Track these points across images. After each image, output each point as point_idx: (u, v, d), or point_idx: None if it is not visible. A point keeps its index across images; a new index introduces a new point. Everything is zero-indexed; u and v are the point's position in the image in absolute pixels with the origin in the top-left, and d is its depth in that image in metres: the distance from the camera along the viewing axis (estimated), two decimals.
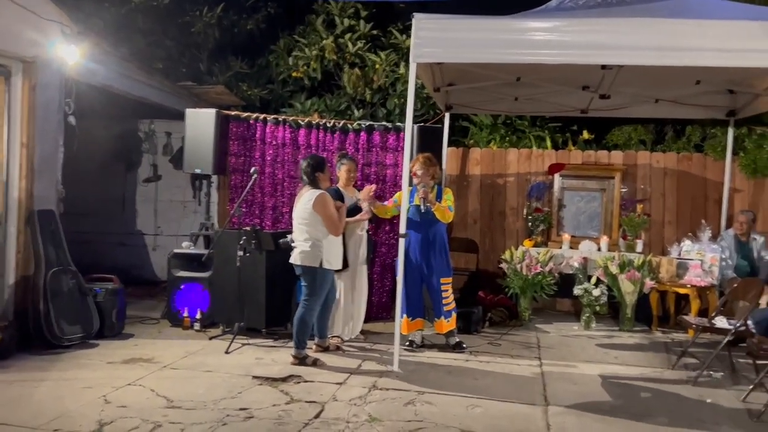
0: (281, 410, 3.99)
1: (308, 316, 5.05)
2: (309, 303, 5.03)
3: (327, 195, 5.05)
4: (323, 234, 4.98)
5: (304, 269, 5.02)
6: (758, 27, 4.38)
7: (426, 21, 4.82)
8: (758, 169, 7.33)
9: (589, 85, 6.80)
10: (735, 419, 4.13)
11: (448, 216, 5.56)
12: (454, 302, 5.72)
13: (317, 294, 5.04)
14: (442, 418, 3.93)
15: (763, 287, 5.21)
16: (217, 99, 8.06)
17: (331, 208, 4.99)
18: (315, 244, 4.95)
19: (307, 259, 4.97)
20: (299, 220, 5.06)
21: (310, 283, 5.02)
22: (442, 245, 5.64)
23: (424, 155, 5.68)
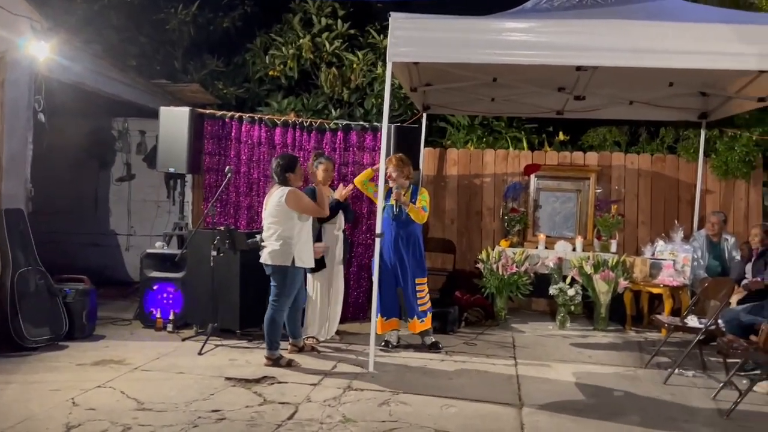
0: (254, 412, 3.94)
1: (278, 316, 4.98)
2: (278, 303, 4.96)
3: (296, 190, 4.98)
4: (295, 232, 4.92)
5: (274, 268, 4.95)
6: (729, 30, 4.44)
7: (402, 20, 4.81)
8: (729, 171, 7.45)
9: (565, 87, 6.85)
10: (705, 417, 4.18)
11: (422, 217, 5.57)
12: (429, 302, 5.72)
13: (287, 293, 4.96)
14: (416, 418, 3.91)
15: (733, 287, 5.29)
16: (192, 97, 7.96)
17: (306, 199, 4.98)
18: (286, 242, 4.89)
19: (278, 258, 4.91)
20: (269, 218, 4.99)
21: (280, 283, 4.95)
22: (416, 245, 5.65)
23: (397, 156, 5.69)
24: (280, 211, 4.90)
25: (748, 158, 7.33)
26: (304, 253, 5.00)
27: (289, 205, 4.88)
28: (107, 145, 8.72)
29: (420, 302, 5.62)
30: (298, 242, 4.94)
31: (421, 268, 5.68)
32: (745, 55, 4.45)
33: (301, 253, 4.96)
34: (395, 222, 5.54)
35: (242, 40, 9.03)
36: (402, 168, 5.55)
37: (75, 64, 6.12)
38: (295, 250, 4.91)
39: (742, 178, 7.53)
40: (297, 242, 4.93)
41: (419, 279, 5.63)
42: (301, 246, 4.96)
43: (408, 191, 5.59)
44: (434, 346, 5.65)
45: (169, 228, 7.09)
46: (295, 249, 4.91)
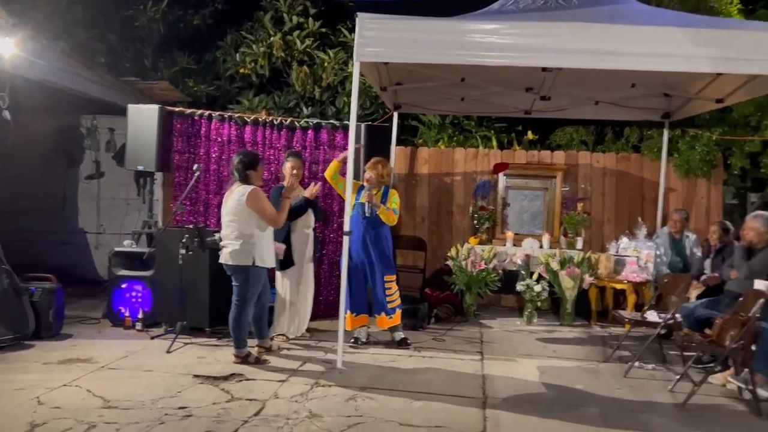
0: (221, 408, 3.97)
1: (242, 316, 4.93)
2: (241, 303, 4.92)
3: (259, 190, 4.94)
4: (255, 230, 4.88)
5: (235, 269, 4.90)
6: (683, 34, 4.58)
7: (370, 21, 4.86)
8: (691, 170, 7.65)
9: (533, 87, 6.98)
10: (662, 408, 4.32)
11: (393, 219, 5.66)
12: (398, 299, 5.79)
13: (250, 293, 4.92)
14: (381, 413, 3.99)
15: (690, 283, 5.46)
16: (162, 95, 7.92)
17: (266, 203, 4.93)
18: (246, 241, 4.86)
19: (239, 258, 4.87)
20: (229, 216, 4.93)
21: (242, 283, 4.90)
22: (385, 243, 5.73)
23: (376, 159, 5.77)
24: (240, 209, 4.86)
25: (708, 158, 7.54)
26: (266, 253, 4.96)
27: (249, 204, 4.83)
28: (75, 143, 8.62)
29: (389, 299, 5.69)
30: (260, 241, 4.91)
31: (390, 266, 5.76)
32: (699, 57, 4.59)
33: (262, 253, 4.92)
34: (365, 221, 5.61)
35: (213, 37, 9.01)
36: (380, 173, 5.66)
37: (41, 60, 6.06)
38: (256, 249, 4.87)
39: (703, 176, 7.75)
40: (258, 241, 4.90)
41: (388, 276, 5.70)
42: (262, 245, 4.92)
43: (379, 192, 5.67)
44: (403, 343, 5.73)
45: (139, 226, 7.05)
46: (256, 248, 4.87)
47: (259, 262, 4.90)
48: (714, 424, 4.04)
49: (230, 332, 4.99)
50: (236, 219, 4.89)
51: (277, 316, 5.78)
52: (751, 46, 4.61)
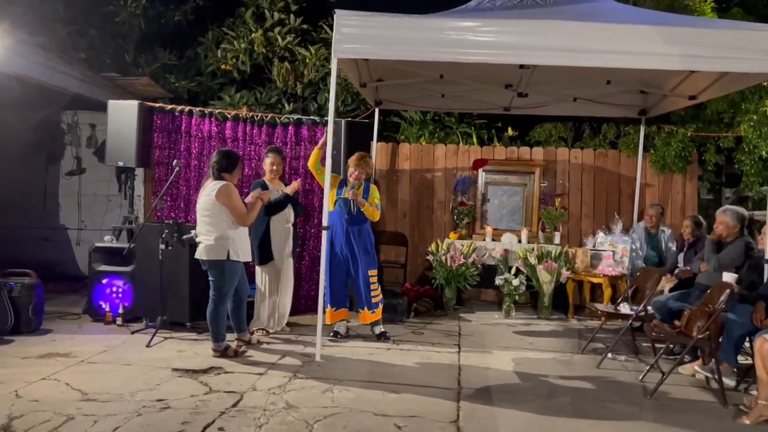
0: (199, 400, 4.02)
1: (219, 310, 4.98)
2: (217, 298, 4.95)
3: (231, 185, 4.97)
4: (229, 225, 4.92)
5: (210, 263, 4.94)
6: (655, 31, 4.68)
7: (347, 17, 4.92)
8: (667, 165, 7.79)
9: (512, 84, 7.06)
10: (631, 397, 4.43)
11: (376, 215, 5.77)
12: (381, 294, 5.87)
13: (226, 288, 4.95)
14: (357, 404, 4.06)
15: (660, 276, 5.58)
16: (143, 91, 7.92)
17: (236, 198, 4.95)
18: (220, 236, 4.89)
19: (213, 253, 4.91)
20: (202, 212, 4.97)
21: (217, 278, 4.94)
22: (368, 238, 5.80)
23: (359, 154, 5.84)
24: (212, 205, 4.90)
25: (683, 153, 7.69)
26: (240, 247, 4.99)
27: (219, 199, 4.86)
28: (56, 139, 8.61)
29: (373, 294, 5.77)
30: (234, 236, 4.94)
31: (373, 261, 5.83)
32: (670, 55, 4.70)
33: (236, 247, 4.94)
34: (349, 216, 5.68)
35: (194, 33, 9.01)
36: (364, 167, 5.73)
37: (19, 56, 6.06)
38: (230, 243, 4.91)
39: (678, 172, 7.89)
40: (232, 236, 4.93)
41: (371, 271, 5.77)
42: (236, 239, 4.95)
43: (361, 187, 5.73)
44: (382, 336, 5.80)
45: (120, 222, 7.06)
46: (230, 242, 4.91)
47: (233, 256, 4.93)
48: (681, 413, 4.15)
49: (208, 326, 5.03)
50: (209, 214, 4.93)
51: (257, 310, 5.84)
52: (719, 44, 4.72)
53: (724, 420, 4.05)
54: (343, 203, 5.70)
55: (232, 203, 4.90)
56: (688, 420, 4.01)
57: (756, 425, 3.93)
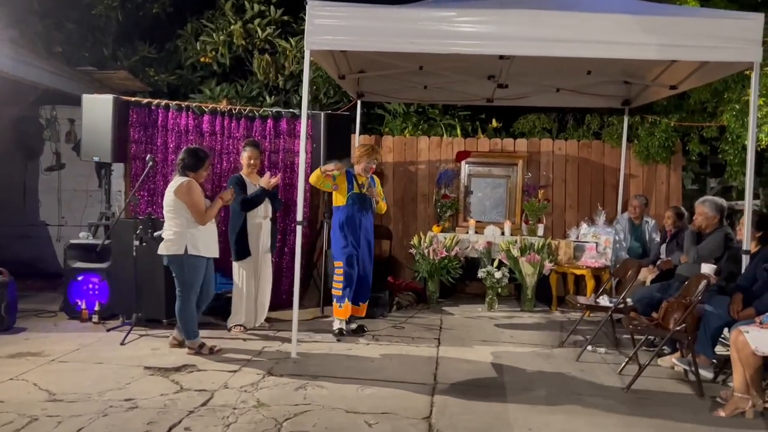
0: (168, 399, 3.96)
1: (185, 307, 4.89)
2: (183, 294, 4.88)
3: (193, 182, 4.88)
4: (189, 221, 4.84)
5: (170, 259, 4.88)
6: (631, 20, 4.62)
7: (320, 8, 4.84)
8: (650, 156, 7.74)
9: (494, 75, 6.98)
10: (608, 390, 4.39)
11: (384, 208, 5.91)
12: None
13: (189, 283, 4.87)
14: (330, 401, 4.00)
15: (639, 267, 5.54)
16: (122, 84, 7.81)
17: (196, 197, 4.85)
18: (179, 231, 4.82)
19: (172, 248, 4.84)
20: (166, 208, 4.91)
21: (178, 273, 4.88)
22: (372, 232, 5.87)
23: (370, 145, 6.02)
24: (173, 200, 4.84)
25: (667, 143, 7.63)
26: (201, 242, 4.89)
27: (178, 195, 4.80)
28: (35, 134, 8.49)
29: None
30: (194, 230, 4.85)
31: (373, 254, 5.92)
32: (647, 44, 4.64)
33: (196, 241, 4.85)
34: (361, 209, 5.71)
35: (174, 26, 8.87)
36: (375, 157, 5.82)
37: None
38: (188, 238, 4.82)
39: (662, 162, 7.84)
40: (192, 230, 4.84)
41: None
42: (196, 234, 4.86)
43: (367, 179, 5.79)
44: (359, 330, 5.76)
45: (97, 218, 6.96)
46: (188, 237, 4.82)
47: (192, 251, 4.83)
48: (657, 405, 4.11)
49: (179, 324, 4.96)
50: (171, 210, 4.87)
51: (234, 306, 5.77)
52: (697, 33, 4.66)
53: (700, 413, 4.01)
54: (356, 198, 5.67)
55: (191, 200, 4.82)
56: (663, 413, 3.97)
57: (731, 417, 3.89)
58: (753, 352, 3.81)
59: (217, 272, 6.83)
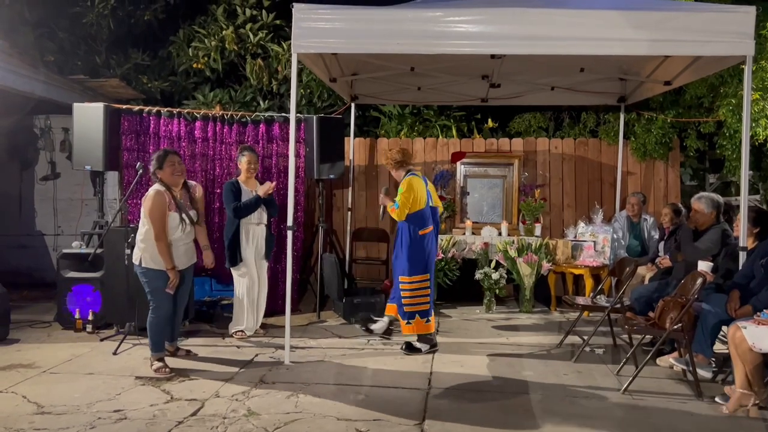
0: (158, 410, 3.91)
1: (153, 319, 4.70)
2: (151, 304, 4.71)
3: (158, 193, 4.62)
4: (146, 230, 4.63)
5: (135, 267, 4.74)
6: (620, 16, 4.56)
7: (306, 11, 4.80)
8: (648, 152, 7.67)
9: (488, 75, 6.94)
10: (605, 392, 4.31)
11: (396, 214, 5.20)
12: (416, 305, 5.23)
13: (151, 294, 4.67)
14: (321, 408, 3.95)
15: (636, 266, 5.46)
16: (114, 92, 7.78)
17: (153, 206, 4.57)
18: (140, 240, 4.65)
19: (133, 256, 4.74)
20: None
21: (142, 284, 4.73)
22: (403, 242, 5.29)
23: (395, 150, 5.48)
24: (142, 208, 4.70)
25: (664, 140, 7.56)
26: (153, 255, 4.61)
27: (143, 205, 4.67)
28: (29, 144, 8.47)
29: (404, 302, 5.26)
30: (147, 242, 4.62)
31: (406, 266, 5.24)
32: (638, 40, 4.57)
33: (153, 253, 4.60)
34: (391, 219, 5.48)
35: (167, 32, 8.85)
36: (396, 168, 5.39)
37: None
38: (144, 249, 4.62)
39: (660, 159, 7.77)
40: (145, 242, 4.63)
41: (402, 277, 5.27)
42: (149, 246, 4.62)
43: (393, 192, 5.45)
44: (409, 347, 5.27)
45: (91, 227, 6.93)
46: (145, 248, 4.62)
47: (146, 263, 4.62)
48: (653, 407, 4.04)
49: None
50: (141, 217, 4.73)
51: (236, 313, 5.73)
52: (687, 27, 4.60)
53: (698, 414, 3.94)
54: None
55: (147, 211, 4.59)
56: (659, 415, 3.90)
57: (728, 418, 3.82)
58: (750, 348, 3.75)
59: (212, 278, 6.91)
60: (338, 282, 6.54)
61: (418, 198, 5.20)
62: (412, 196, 5.17)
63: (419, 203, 5.20)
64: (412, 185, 5.19)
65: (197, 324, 6.17)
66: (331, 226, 8.23)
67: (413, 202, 5.18)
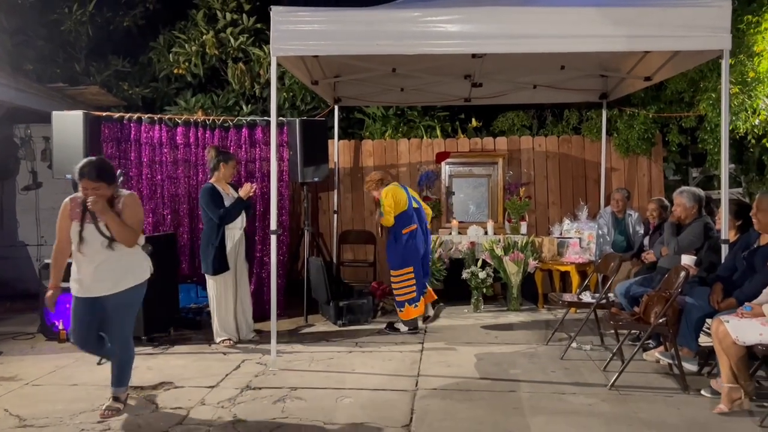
0: (142, 420, 3.87)
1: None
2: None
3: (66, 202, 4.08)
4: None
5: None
6: (598, 13, 4.57)
7: (285, 14, 4.78)
8: (630, 148, 7.71)
9: (470, 74, 6.94)
10: (592, 389, 4.32)
11: (388, 220, 5.93)
12: (404, 294, 5.95)
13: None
14: (308, 413, 3.92)
15: (621, 261, 5.48)
16: (95, 100, 7.71)
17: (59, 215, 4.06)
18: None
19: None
20: None
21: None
22: (391, 239, 6.02)
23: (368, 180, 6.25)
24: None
25: (646, 135, 7.60)
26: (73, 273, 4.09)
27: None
28: (10, 154, 8.37)
29: (396, 293, 5.99)
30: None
31: (394, 261, 5.99)
32: (615, 36, 4.60)
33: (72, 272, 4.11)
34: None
35: (147, 38, 8.79)
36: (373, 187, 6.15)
37: None
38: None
39: (643, 154, 7.81)
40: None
41: (392, 271, 6.00)
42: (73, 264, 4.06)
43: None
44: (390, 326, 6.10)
45: None
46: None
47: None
48: (640, 402, 4.05)
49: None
50: None
51: (219, 321, 5.64)
52: (664, 22, 4.62)
53: (684, 408, 3.95)
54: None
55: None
56: (646, 409, 3.91)
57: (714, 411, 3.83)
58: (734, 342, 3.76)
59: (198, 285, 6.85)
60: (325, 285, 6.51)
61: (399, 201, 5.94)
62: (392, 201, 5.89)
63: (401, 206, 5.94)
64: (389, 192, 5.93)
65: (183, 331, 6.11)
66: (318, 229, 8.21)
67: (396, 205, 5.90)
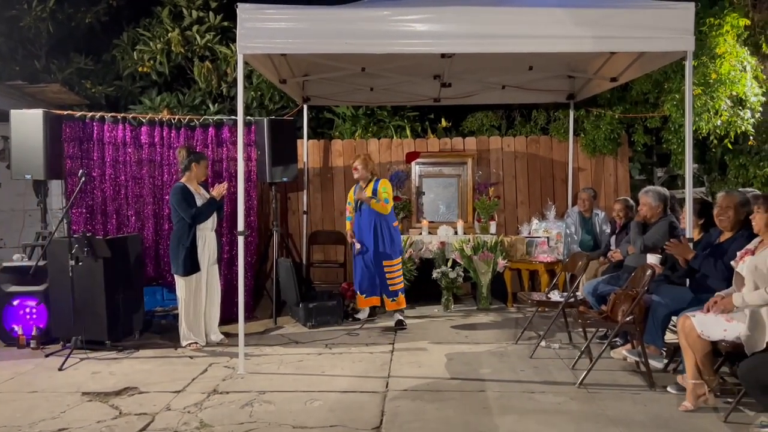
0: (105, 426, 3.76)
1: None
2: None
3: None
4: None
5: None
6: (565, 14, 4.59)
7: (252, 11, 4.69)
8: (597, 148, 7.80)
9: (439, 74, 6.93)
10: (560, 387, 4.35)
11: (386, 208, 6.11)
12: (401, 283, 6.26)
13: None
14: (276, 417, 3.86)
15: (588, 260, 5.54)
16: (56, 98, 7.50)
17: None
18: None
19: None
20: None
21: None
22: (382, 231, 6.14)
23: (364, 154, 6.44)
24: None
25: (613, 135, 7.70)
26: None
27: None
28: None
29: (390, 282, 6.16)
30: None
31: (388, 252, 6.15)
32: (582, 37, 4.61)
33: None
34: (362, 212, 6.20)
35: (110, 35, 8.58)
36: (367, 165, 6.30)
37: None
38: None
39: (609, 154, 7.92)
40: None
41: (387, 261, 6.14)
42: None
43: (369, 186, 6.20)
44: (399, 324, 6.14)
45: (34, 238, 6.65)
46: None
47: None
48: (608, 399, 4.09)
49: None
50: None
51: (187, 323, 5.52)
52: (630, 24, 4.65)
53: (650, 404, 4.00)
54: (355, 203, 6.30)
55: None
56: (614, 406, 3.95)
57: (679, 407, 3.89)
58: (699, 336, 3.81)
59: (164, 288, 6.71)
60: (295, 287, 6.44)
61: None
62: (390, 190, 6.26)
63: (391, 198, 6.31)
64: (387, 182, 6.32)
65: (148, 335, 5.99)
66: (287, 230, 8.13)
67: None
